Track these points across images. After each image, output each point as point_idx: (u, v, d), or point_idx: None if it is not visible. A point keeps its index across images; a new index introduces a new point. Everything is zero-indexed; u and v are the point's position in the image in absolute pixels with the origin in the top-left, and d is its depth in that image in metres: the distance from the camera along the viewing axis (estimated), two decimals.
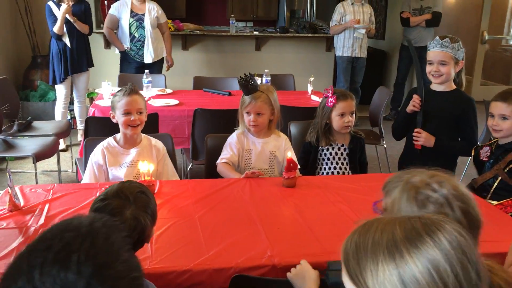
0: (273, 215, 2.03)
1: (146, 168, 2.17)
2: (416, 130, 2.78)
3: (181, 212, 2.02)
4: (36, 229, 1.81)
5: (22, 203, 2.00)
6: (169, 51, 5.32)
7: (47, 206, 2.01)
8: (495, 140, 2.54)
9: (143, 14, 4.97)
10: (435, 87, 2.80)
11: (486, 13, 8.43)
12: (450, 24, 10.65)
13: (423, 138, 2.76)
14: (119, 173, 2.48)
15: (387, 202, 1.19)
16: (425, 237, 0.80)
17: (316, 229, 1.90)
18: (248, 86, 2.58)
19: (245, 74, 2.57)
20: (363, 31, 5.92)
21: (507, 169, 2.41)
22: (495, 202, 2.40)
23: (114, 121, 2.57)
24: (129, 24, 4.96)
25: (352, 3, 5.96)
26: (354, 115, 2.75)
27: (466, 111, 2.77)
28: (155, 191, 2.20)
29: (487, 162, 2.54)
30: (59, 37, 4.79)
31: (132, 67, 5.12)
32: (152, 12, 5.00)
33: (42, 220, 1.88)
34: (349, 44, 6.00)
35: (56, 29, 4.72)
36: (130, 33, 4.99)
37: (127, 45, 5.04)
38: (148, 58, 5.07)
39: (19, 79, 5.63)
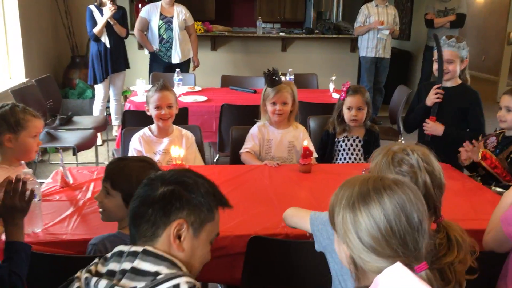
0: (289, 195, 2.28)
1: (177, 153, 2.44)
2: (426, 120, 2.98)
3: None
4: (84, 201, 2.11)
5: (71, 181, 2.31)
6: (195, 52, 5.60)
7: (92, 184, 2.32)
8: (502, 131, 2.72)
9: (172, 17, 5.27)
10: (442, 83, 2.99)
11: None
12: (478, 26, 10.68)
13: (429, 126, 2.96)
14: None
15: (372, 166, 1.49)
16: (372, 195, 1.09)
17: (326, 207, 2.12)
18: (273, 78, 2.84)
19: (271, 68, 2.84)
20: (387, 32, 6.06)
21: (509, 159, 2.59)
22: (499, 189, 2.57)
23: (148, 114, 2.85)
24: (159, 26, 5.26)
25: (377, 5, 6.10)
26: (363, 111, 2.95)
27: (472, 103, 2.98)
28: None
29: (494, 152, 2.72)
30: (97, 39, 5.11)
31: (160, 67, 5.41)
32: (180, 15, 5.29)
33: (89, 195, 2.18)
34: (373, 44, 6.15)
35: (96, 30, 5.04)
36: (159, 35, 5.28)
37: (156, 46, 5.33)
38: (175, 59, 5.36)
39: (59, 78, 6.00)
